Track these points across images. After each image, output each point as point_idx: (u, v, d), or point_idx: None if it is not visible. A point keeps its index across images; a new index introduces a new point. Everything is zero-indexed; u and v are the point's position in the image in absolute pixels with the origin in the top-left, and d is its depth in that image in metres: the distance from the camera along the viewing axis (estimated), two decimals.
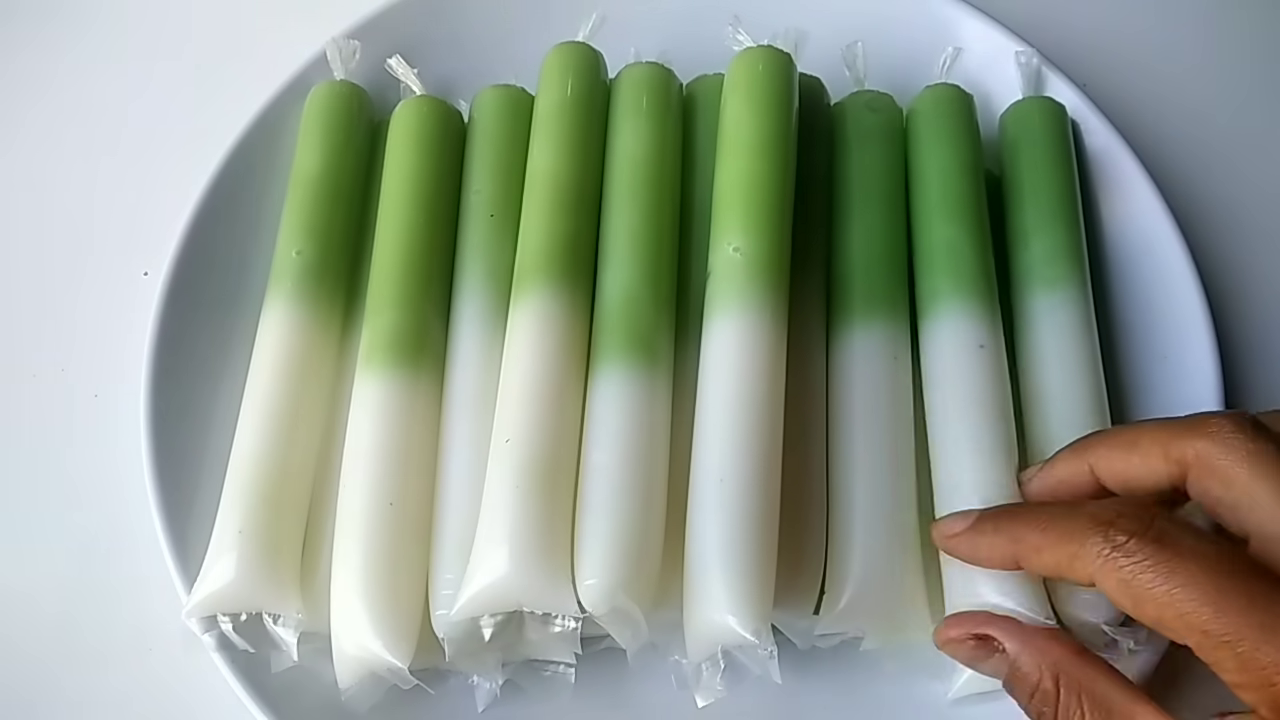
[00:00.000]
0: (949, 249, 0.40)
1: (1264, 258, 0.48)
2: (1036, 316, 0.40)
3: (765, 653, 0.32)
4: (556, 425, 0.35)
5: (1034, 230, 0.42)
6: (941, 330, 0.38)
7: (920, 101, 0.43)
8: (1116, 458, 0.32)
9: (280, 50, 0.47)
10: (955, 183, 0.41)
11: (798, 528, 0.36)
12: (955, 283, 0.39)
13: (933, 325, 0.39)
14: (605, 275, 0.38)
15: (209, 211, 0.43)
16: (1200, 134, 0.50)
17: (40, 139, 0.51)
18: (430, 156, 0.42)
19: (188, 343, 0.41)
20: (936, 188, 0.41)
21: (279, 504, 0.36)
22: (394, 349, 0.38)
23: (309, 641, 0.36)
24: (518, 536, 0.33)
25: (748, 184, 0.37)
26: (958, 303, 0.38)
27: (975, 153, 0.42)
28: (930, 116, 0.43)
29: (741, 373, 0.35)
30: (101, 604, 0.42)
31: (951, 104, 0.43)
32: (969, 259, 0.39)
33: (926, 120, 0.43)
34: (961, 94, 0.43)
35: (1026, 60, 0.46)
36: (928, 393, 0.38)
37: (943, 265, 0.39)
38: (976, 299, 0.39)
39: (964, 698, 0.37)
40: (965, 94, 0.44)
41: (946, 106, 0.43)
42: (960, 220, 0.40)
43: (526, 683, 0.37)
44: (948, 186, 0.41)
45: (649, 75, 0.42)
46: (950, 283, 0.39)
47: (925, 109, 0.43)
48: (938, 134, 0.42)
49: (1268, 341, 0.46)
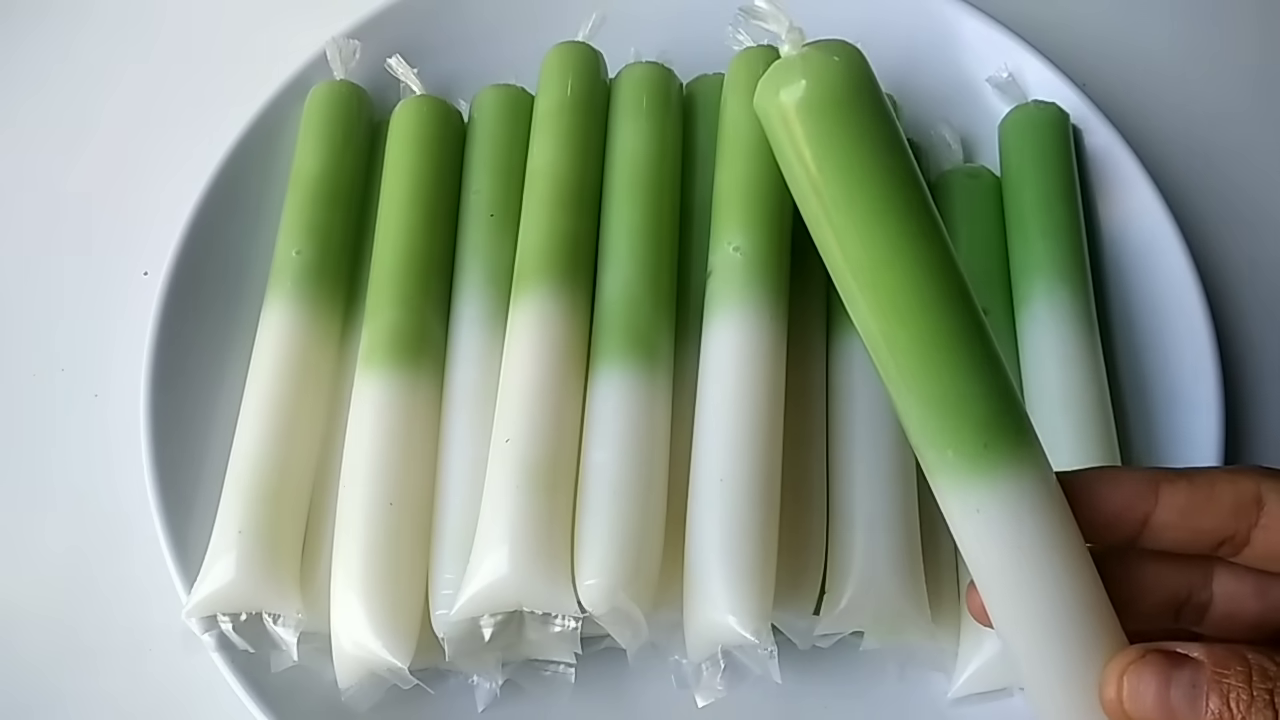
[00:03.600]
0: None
1: (1264, 258, 0.48)
2: (1037, 317, 0.40)
3: (765, 653, 0.32)
4: (556, 425, 0.35)
5: (1034, 232, 0.42)
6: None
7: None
8: (1183, 495, 0.29)
9: (280, 50, 0.47)
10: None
11: (798, 527, 0.36)
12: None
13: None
14: (605, 275, 0.38)
15: (209, 211, 0.43)
16: (1200, 134, 0.50)
17: (40, 139, 0.51)
18: (430, 156, 0.42)
19: (188, 343, 0.41)
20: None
21: (279, 504, 0.36)
22: (394, 349, 0.38)
23: (309, 641, 0.36)
24: (518, 536, 0.33)
25: (748, 184, 0.37)
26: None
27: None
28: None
29: (741, 372, 0.35)
30: (101, 604, 0.42)
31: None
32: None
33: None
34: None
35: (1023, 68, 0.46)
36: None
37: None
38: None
39: (964, 698, 0.37)
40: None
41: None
42: None
43: (526, 683, 0.37)
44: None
45: (649, 75, 0.42)
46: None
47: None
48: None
49: (1268, 341, 0.46)
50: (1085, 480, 0.29)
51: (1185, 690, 0.26)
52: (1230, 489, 0.28)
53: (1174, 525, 0.29)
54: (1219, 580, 0.30)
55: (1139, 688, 0.27)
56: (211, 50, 0.52)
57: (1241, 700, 0.26)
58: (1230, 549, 0.29)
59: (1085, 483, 0.29)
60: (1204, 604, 0.30)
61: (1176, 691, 0.26)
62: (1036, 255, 0.41)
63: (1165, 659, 0.27)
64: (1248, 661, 0.26)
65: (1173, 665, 0.27)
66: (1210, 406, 0.41)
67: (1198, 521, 0.29)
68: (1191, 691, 0.26)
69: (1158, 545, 0.30)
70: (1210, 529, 0.29)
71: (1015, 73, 0.46)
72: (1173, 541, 0.29)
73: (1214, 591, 0.30)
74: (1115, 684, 0.27)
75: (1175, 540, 0.29)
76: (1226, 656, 0.26)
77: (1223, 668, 0.26)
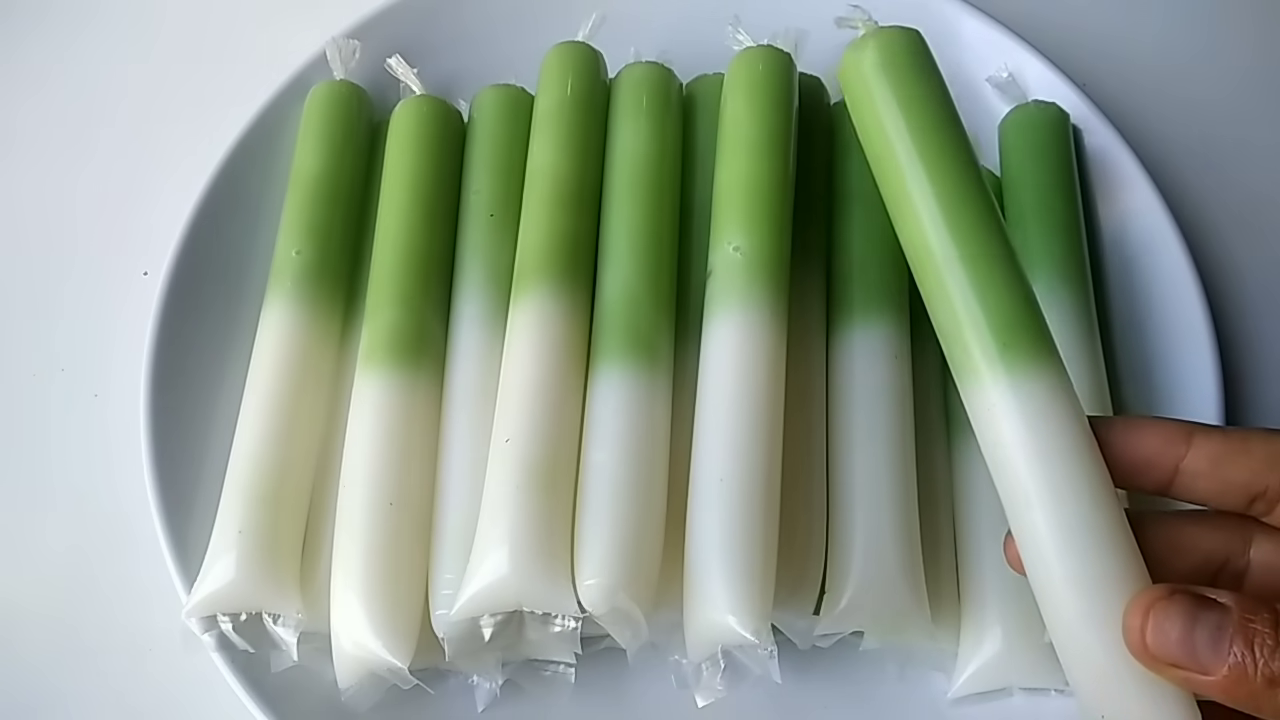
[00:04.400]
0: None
1: (1264, 258, 0.48)
2: None
3: (765, 652, 0.32)
4: (556, 425, 0.35)
5: (1034, 231, 0.42)
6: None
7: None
8: (1217, 444, 0.29)
9: (280, 50, 0.47)
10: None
11: (798, 527, 0.36)
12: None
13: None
14: (605, 275, 0.38)
15: (209, 211, 0.43)
16: (1200, 134, 0.50)
17: (40, 139, 0.51)
18: (430, 156, 0.42)
19: (188, 343, 0.41)
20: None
21: (279, 504, 0.36)
22: (394, 348, 0.38)
23: (309, 641, 0.36)
24: (518, 536, 0.33)
25: (748, 183, 0.37)
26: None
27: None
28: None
29: (741, 372, 0.35)
30: (101, 604, 0.42)
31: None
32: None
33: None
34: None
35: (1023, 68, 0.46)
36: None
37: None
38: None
39: (964, 698, 0.37)
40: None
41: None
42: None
43: (526, 683, 0.37)
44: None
45: (649, 75, 0.42)
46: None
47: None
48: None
49: (1268, 341, 0.46)
50: (1119, 425, 0.30)
51: (1210, 632, 0.26)
52: (1264, 443, 0.28)
53: (1205, 474, 0.29)
54: (1257, 546, 0.30)
55: (1164, 625, 0.27)
56: (211, 50, 0.52)
57: (1266, 646, 0.25)
58: (1263, 506, 0.29)
59: (1118, 427, 0.30)
60: (1241, 570, 0.30)
61: (1201, 633, 0.26)
62: (1036, 255, 0.41)
63: (1193, 600, 0.26)
64: (1276, 610, 0.26)
65: (1200, 607, 0.26)
66: (1210, 406, 0.41)
67: (1228, 472, 0.29)
68: (1217, 634, 0.26)
69: (1189, 496, 0.30)
70: (1241, 482, 0.29)
71: (1015, 73, 0.46)
72: (1204, 492, 0.29)
73: (1251, 558, 0.30)
74: (1140, 617, 0.27)
75: (1206, 491, 0.29)
76: (1256, 604, 0.26)
77: (1251, 614, 0.26)
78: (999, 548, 0.36)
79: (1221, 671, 0.26)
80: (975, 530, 0.37)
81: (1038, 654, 0.36)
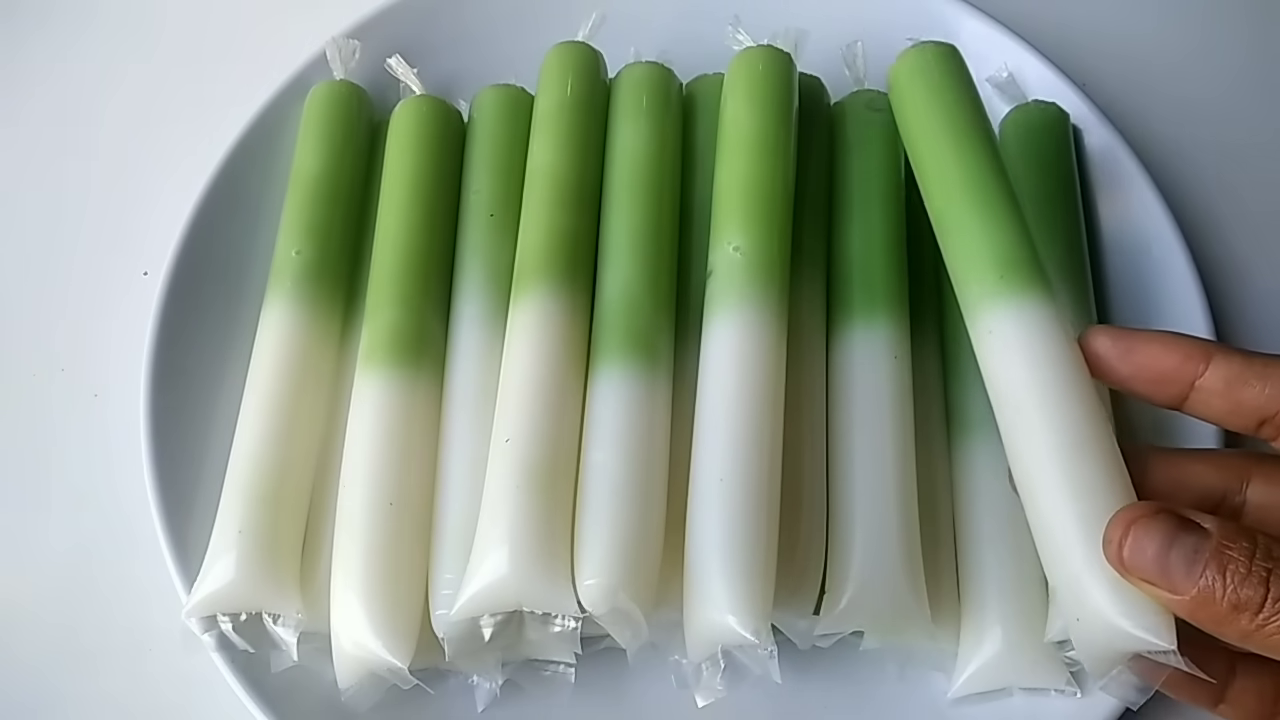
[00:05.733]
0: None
1: (1264, 258, 0.48)
2: None
3: (765, 652, 0.32)
4: (556, 425, 0.35)
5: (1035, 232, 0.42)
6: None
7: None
8: (1237, 366, 0.30)
9: (280, 50, 0.47)
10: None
11: (798, 527, 0.36)
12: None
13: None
14: (605, 274, 0.38)
15: (209, 211, 0.43)
16: (1200, 134, 0.50)
17: (40, 139, 0.51)
18: (430, 156, 0.42)
19: (188, 343, 0.41)
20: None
21: (278, 504, 0.36)
22: (394, 348, 0.38)
23: (309, 641, 0.36)
24: (518, 536, 0.33)
25: (748, 183, 0.37)
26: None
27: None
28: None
29: (741, 372, 0.35)
30: (101, 604, 0.42)
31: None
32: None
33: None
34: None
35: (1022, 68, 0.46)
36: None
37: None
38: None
39: (964, 698, 0.37)
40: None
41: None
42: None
43: (526, 683, 0.37)
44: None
45: (649, 75, 0.42)
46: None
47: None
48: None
49: (1268, 342, 0.46)
50: (1141, 336, 0.31)
51: (1186, 554, 0.27)
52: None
53: (1219, 393, 0.30)
54: (1254, 487, 0.31)
55: (1142, 541, 0.28)
56: (211, 50, 0.52)
57: (1238, 574, 0.26)
58: (1271, 430, 0.30)
59: (1141, 339, 0.31)
60: (1238, 507, 0.31)
61: (1177, 553, 0.27)
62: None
63: (1175, 521, 0.27)
64: (1255, 540, 0.26)
65: (1180, 528, 0.27)
66: None
67: (1242, 394, 0.30)
68: (1193, 556, 0.27)
69: (1201, 412, 0.31)
70: (1254, 404, 0.30)
71: (1015, 73, 0.46)
72: (1217, 411, 0.31)
73: (1248, 496, 0.31)
74: (1120, 530, 0.28)
75: (1219, 410, 0.31)
76: (1236, 531, 0.27)
77: (1229, 540, 0.27)
78: (999, 548, 0.37)
79: (1190, 592, 0.27)
80: (975, 530, 0.37)
81: (1038, 654, 0.36)
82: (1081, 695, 0.37)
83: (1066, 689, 0.36)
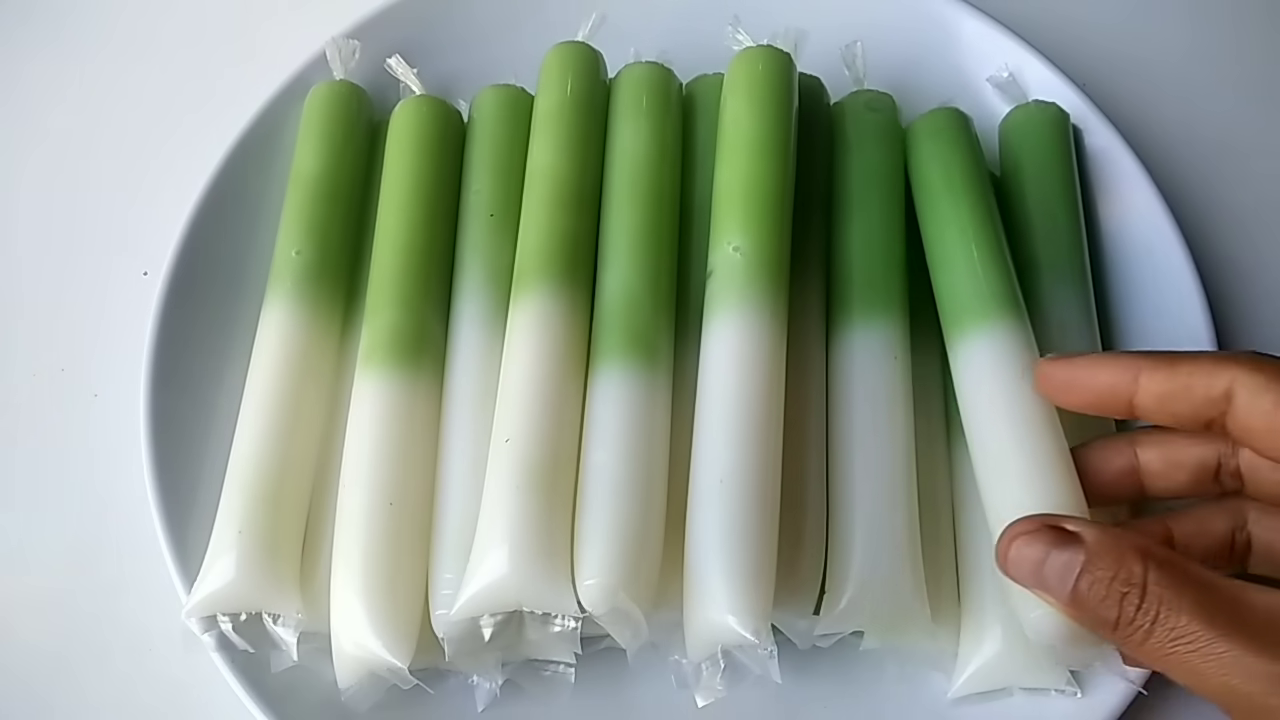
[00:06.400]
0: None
1: (1264, 258, 0.48)
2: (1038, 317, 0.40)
3: (765, 652, 0.32)
4: (556, 425, 0.35)
5: (1035, 233, 0.42)
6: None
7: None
8: (1160, 385, 0.32)
9: (280, 50, 0.47)
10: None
11: (798, 527, 0.36)
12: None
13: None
14: (605, 275, 0.38)
15: (209, 211, 0.43)
16: (1200, 134, 0.50)
17: (39, 139, 0.51)
18: (430, 156, 0.42)
19: (188, 343, 0.41)
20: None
21: (278, 504, 0.36)
22: (394, 349, 0.38)
23: (309, 641, 0.36)
24: (518, 536, 0.33)
25: (748, 183, 0.37)
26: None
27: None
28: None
29: (741, 372, 0.35)
30: (101, 604, 0.42)
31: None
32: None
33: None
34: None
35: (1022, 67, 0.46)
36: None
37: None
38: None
39: (964, 697, 0.37)
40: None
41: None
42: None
43: (526, 683, 0.37)
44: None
45: (649, 75, 0.42)
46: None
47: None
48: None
49: (1268, 342, 0.46)
50: (1078, 364, 0.33)
51: (1058, 568, 0.29)
52: (1204, 384, 0.30)
53: (1155, 411, 0.32)
54: (1241, 456, 0.33)
55: (1022, 554, 0.30)
56: (211, 50, 0.52)
57: (1098, 594, 0.28)
58: (1218, 429, 0.31)
59: (1077, 366, 0.33)
60: (1235, 468, 0.33)
61: (1051, 566, 0.30)
62: (1036, 255, 0.41)
63: (1053, 536, 0.30)
64: (1119, 562, 0.28)
65: (1057, 542, 0.30)
66: None
67: (1174, 408, 0.32)
68: (1064, 571, 0.29)
69: (1151, 421, 0.33)
70: (1188, 415, 0.31)
71: (1015, 73, 0.46)
72: (1162, 422, 0.33)
73: (1239, 462, 0.33)
74: (1006, 543, 0.31)
75: (1163, 422, 0.33)
76: (1105, 550, 0.29)
77: (1096, 558, 0.29)
78: None
79: (1065, 599, 0.29)
80: (975, 530, 0.37)
81: (1038, 654, 0.35)
82: (1081, 695, 0.37)
83: (1066, 689, 0.37)
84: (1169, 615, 0.27)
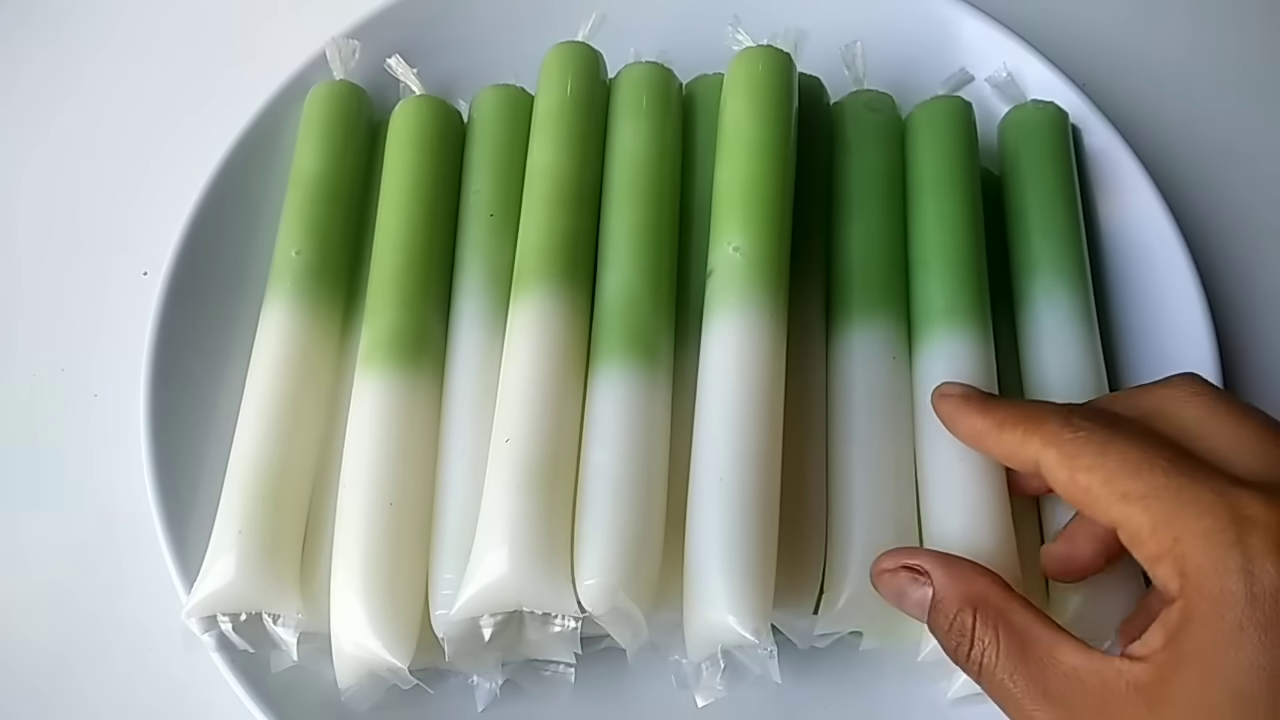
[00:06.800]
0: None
1: (1264, 258, 0.48)
2: (1037, 316, 0.40)
3: (765, 652, 0.32)
4: (556, 425, 0.35)
5: (1034, 232, 0.42)
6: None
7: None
8: (991, 444, 0.34)
9: (280, 50, 0.47)
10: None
11: (797, 527, 0.36)
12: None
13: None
14: (605, 274, 0.38)
15: (209, 211, 0.43)
16: (1201, 134, 0.50)
17: (40, 139, 0.51)
18: (430, 156, 0.42)
19: (188, 343, 0.41)
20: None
21: (278, 504, 0.36)
22: (394, 349, 0.38)
23: (309, 641, 0.36)
24: (518, 536, 0.33)
25: (748, 183, 0.37)
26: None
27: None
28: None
29: (741, 372, 0.35)
30: (101, 604, 0.42)
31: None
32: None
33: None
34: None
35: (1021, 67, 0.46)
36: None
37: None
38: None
39: (964, 697, 0.37)
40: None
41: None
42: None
43: (526, 683, 0.37)
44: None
45: (649, 75, 0.42)
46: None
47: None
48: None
49: (1268, 341, 0.46)
50: (949, 402, 0.35)
51: (915, 603, 0.32)
52: (1017, 455, 0.32)
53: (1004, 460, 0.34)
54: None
55: (884, 586, 0.33)
56: (211, 50, 0.52)
57: (941, 631, 0.31)
58: (1039, 481, 0.32)
59: (949, 404, 0.35)
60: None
61: (909, 602, 0.32)
62: (1036, 255, 0.41)
63: (906, 579, 0.33)
64: (957, 609, 0.31)
65: (910, 583, 0.32)
66: None
67: (1011, 464, 0.33)
68: (917, 608, 0.32)
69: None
70: (1024, 470, 0.33)
71: (1015, 73, 0.46)
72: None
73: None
74: (874, 577, 0.34)
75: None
76: (947, 595, 0.31)
77: (940, 603, 0.31)
78: None
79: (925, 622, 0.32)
80: None
81: None
82: None
83: None
84: (990, 665, 0.29)
